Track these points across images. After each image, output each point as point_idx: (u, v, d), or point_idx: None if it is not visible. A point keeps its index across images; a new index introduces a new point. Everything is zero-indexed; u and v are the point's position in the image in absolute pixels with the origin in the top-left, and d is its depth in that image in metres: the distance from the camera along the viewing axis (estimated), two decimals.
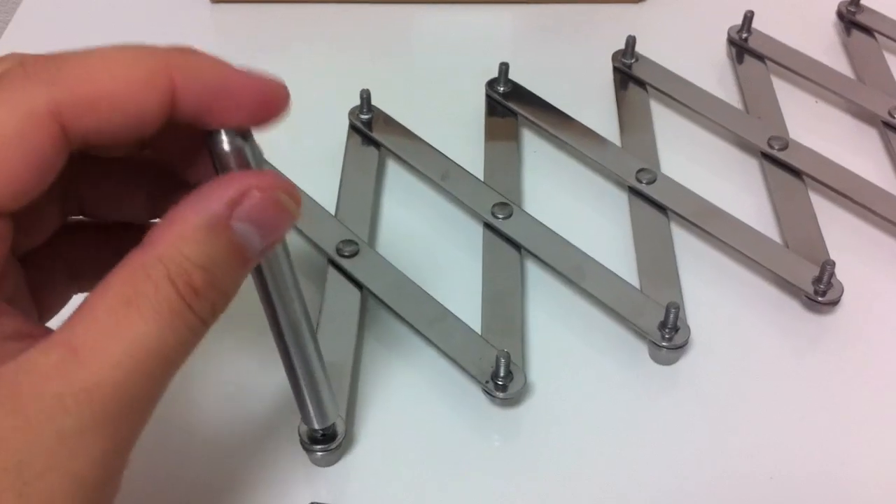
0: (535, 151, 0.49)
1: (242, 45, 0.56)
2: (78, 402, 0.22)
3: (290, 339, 0.30)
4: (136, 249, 0.25)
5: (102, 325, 0.23)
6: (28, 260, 0.28)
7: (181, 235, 0.24)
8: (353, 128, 0.48)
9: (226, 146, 0.25)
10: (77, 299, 0.28)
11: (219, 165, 0.26)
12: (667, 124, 0.50)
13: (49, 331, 0.24)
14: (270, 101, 0.27)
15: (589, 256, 0.41)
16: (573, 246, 0.42)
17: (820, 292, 0.40)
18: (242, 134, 0.26)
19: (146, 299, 0.24)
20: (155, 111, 0.25)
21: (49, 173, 0.24)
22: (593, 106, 0.51)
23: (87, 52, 0.25)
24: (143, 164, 0.30)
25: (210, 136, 0.26)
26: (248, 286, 0.27)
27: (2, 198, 0.24)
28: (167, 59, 0.25)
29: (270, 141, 0.29)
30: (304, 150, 0.47)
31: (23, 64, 0.24)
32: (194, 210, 0.25)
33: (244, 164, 0.26)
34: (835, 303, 0.40)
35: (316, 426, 0.34)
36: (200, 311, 0.25)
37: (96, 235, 0.31)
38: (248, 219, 0.25)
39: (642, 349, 0.39)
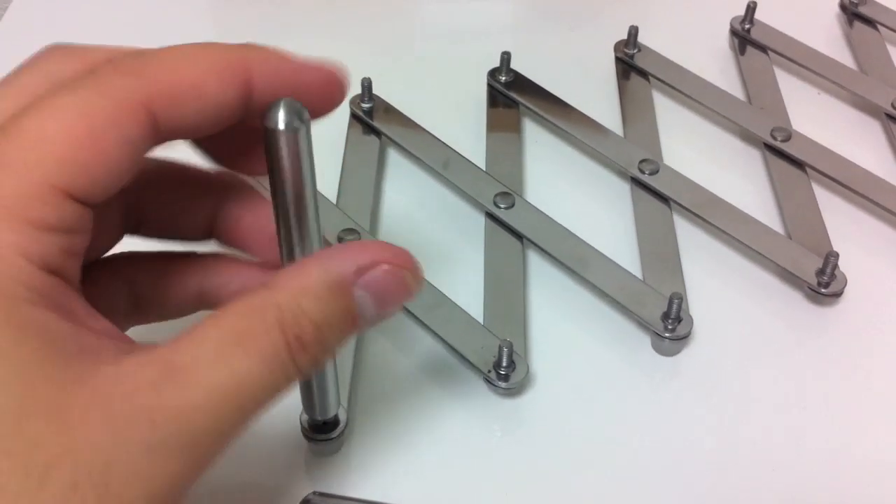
0: (537, 141, 0.49)
1: (242, 33, 0.56)
2: (167, 419, 0.23)
3: None
4: (258, 288, 0.25)
5: (206, 353, 0.24)
6: (89, 276, 0.27)
7: (304, 288, 0.25)
8: (354, 116, 0.48)
9: (281, 124, 0.25)
10: None
11: (271, 143, 0.25)
12: (669, 115, 0.50)
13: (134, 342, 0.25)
14: (336, 88, 0.28)
15: (591, 247, 0.41)
16: (575, 236, 0.42)
17: (823, 283, 0.40)
18: (300, 114, 0.25)
19: (255, 340, 0.24)
20: (233, 102, 0.26)
21: (137, 164, 0.25)
22: (595, 96, 0.50)
23: (168, 48, 0.25)
24: (203, 180, 0.31)
25: (268, 111, 0.25)
26: None
27: (94, 185, 0.24)
28: (243, 53, 0.26)
29: None
30: None
31: (110, 60, 0.25)
32: (323, 267, 0.26)
33: (295, 147, 0.25)
34: (838, 294, 0.40)
35: (318, 417, 0.34)
36: (301, 363, 0.25)
37: (158, 261, 0.31)
38: (370, 289, 0.26)
39: (645, 340, 0.39)
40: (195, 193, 0.31)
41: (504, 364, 0.36)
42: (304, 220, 0.27)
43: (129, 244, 0.30)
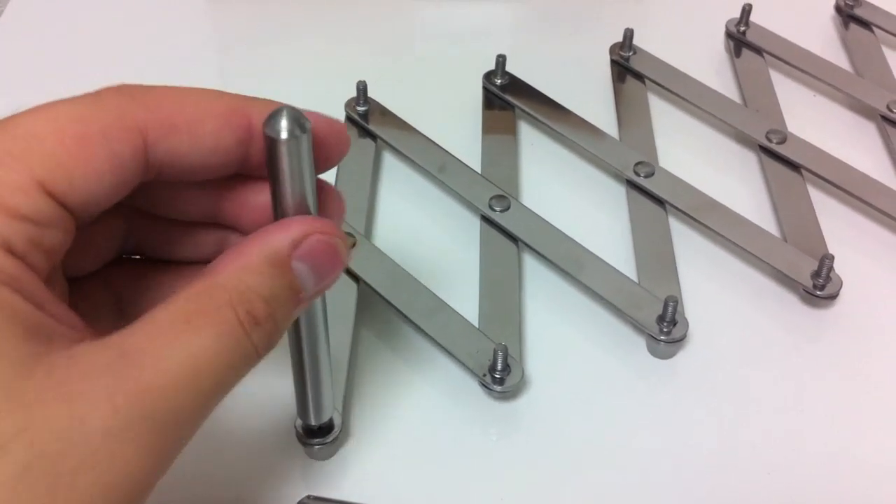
0: (533, 144, 0.49)
1: (239, 36, 0.56)
2: (127, 402, 0.22)
3: (305, 341, 0.30)
4: (199, 277, 0.25)
5: (160, 335, 0.24)
6: (77, 286, 0.28)
7: (245, 266, 0.26)
8: (349, 119, 0.48)
9: (283, 133, 0.25)
10: None
11: (273, 152, 0.25)
12: (665, 117, 0.50)
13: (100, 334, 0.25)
14: (342, 140, 0.29)
15: (587, 250, 0.41)
16: (571, 239, 0.42)
17: (819, 286, 0.40)
18: (301, 123, 0.25)
19: (206, 318, 0.24)
20: (231, 148, 0.27)
21: (123, 185, 0.25)
22: (591, 99, 0.50)
23: (174, 87, 0.26)
24: (203, 205, 0.30)
25: (270, 120, 0.25)
26: None
27: (73, 188, 0.24)
28: (246, 102, 0.27)
29: None
30: None
31: (117, 86, 0.26)
32: (258, 245, 0.26)
33: (297, 156, 0.25)
34: (833, 297, 0.40)
35: (313, 422, 0.33)
36: (256, 340, 0.25)
37: (148, 272, 0.31)
38: (307, 259, 0.26)
39: (640, 343, 0.39)
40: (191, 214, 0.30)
41: (499, 368, 0.36)
42: None
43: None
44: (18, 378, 0.22)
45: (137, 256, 0.31)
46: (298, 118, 0.25)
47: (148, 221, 0.30)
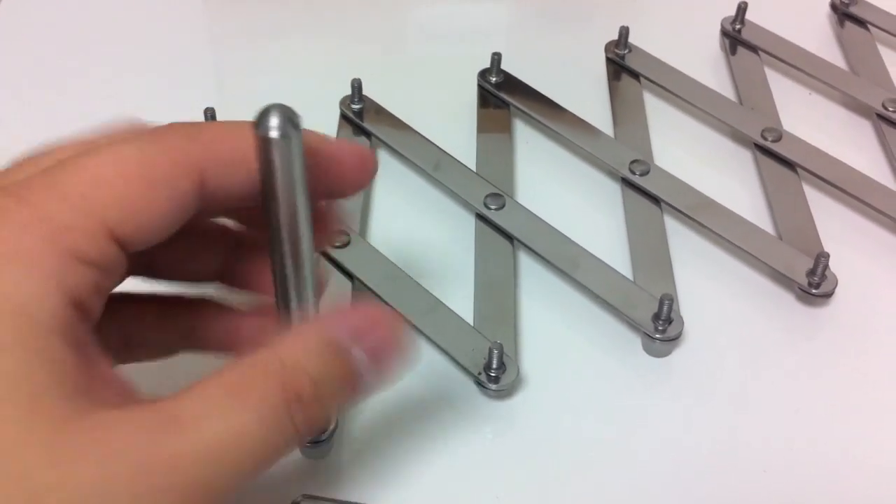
0: (528, 142, 0.49)
1: (234, 33, 0.56)
2: (159, 468, 0.22)
3: None
4: (261, 347, 0.26)
5: (206, 406, 0.24)
6: None
7: (304, 346, 0.26)
8: (344, 117, 0.48)
9: (274, 132, 0.24)
10: None
11: (264, 152, 0.25)
12: (660, 115, 0.50)
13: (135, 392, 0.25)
14: (370, 168, 0.30)
15: (582, 248, 0.41)
16: (566, 237, 0.42)
17: (814, 284, 0.40)
18: (292, 121, 0.25)
19: (253, 393, 0.24)
20: None
21: (181, 221, 0.26)
22: (586, 97, 0.50)
23: (219, 122, 0.28)
24: (216, 229, 0.31)
25: (260, 119, 0.24)
26: None
27: (139, 232, 0.25)
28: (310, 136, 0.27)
29: None
30: None
31: (173, 126, 0.27)
32: (322, 328, 0.27)
33: (288, 156, 0.25)
34: (829, 295, 0.40)
35: None
36: (298, 420, 0.25)
37: (154, 307, 0.31)
38: (367, 349, 0.27)
39: (635, 341, 0.39)
40: (206, 239, 0.31)
41: (494, 366, 0.36)
42: (295, 231, 0.27)
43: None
44: (59, 435, 0.22)
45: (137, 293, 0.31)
46: (290, 116, 0.25)
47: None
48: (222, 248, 0.31)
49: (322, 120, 0.48)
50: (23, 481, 0.21)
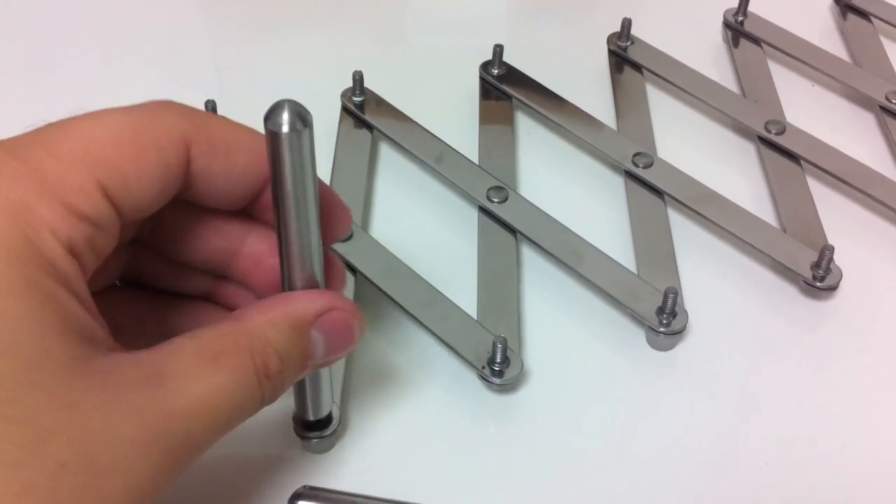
0: (530, 134, 0.48)
1: (235, 25, 0.55)
2: (154, 418, 0.24)
3: None
4: (226, 318, 0.27)
5: (190, 365, 0.25)
6: None
7: (270, 321, 0.27)
8: (345, 110, 0.48)
9: (285, 127, 0.25)
10: None
11: (274, 147, 0.25)
12: (663, 108, 0.49)
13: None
14: (347, 222, 0.31)
15: (585, 241, 0.41)
16: (569, 230, 0.41)
17: (818, 277, 0.39)
18: (303, 117, 0.25)
19: (228, 358, 0.26)
20: (254, 181, 0.28)
21: (166, 194, 0.27)
22: (589, 89, 0.50)
23: (214, 114, 0.29)
24: (209, 250, 0.31)
25: (271, 114, 0.25)
26: None
27: (128, 192, 0.26)
28: None
29: (261, 124, 0.28)
30: None
31: (165, 101, 0.28)
32: (285, 305, 0.28)
33: (298, 151, 0.25)
34: (833, 288, 0.40)
35: (311, 418, 0.33)
36: (265, 390, 0.27)
37: (142, 298, 0.32)
38: (324, 331, 0.28)
39: (639, 334, 0.39)
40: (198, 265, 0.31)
41: (498, 360, 0.36)
42: (304, 225, 0.27)
43: None
44: (65, 378, 0.23)
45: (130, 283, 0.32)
46: (300, 112, 0.25)
47: (151, 255, 0.31)
48: (208, 273, 0.32)
49: (324, 113, 0.47)
50: (31, 422, 0.22)
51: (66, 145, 0.25)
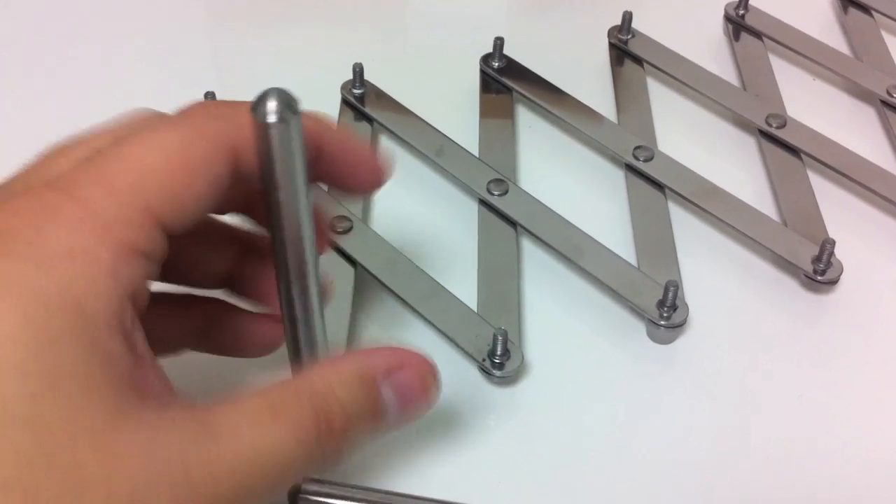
0: (531, 127, 0.48)
1: (235, 18, 0.55)
2: (200, 474, 0.23)
3: (301, 327, 0.29)
4: (296, 376, 0.27)
5: (245, 417, 0.24)
6: None
7: (338, 377, 0.27)
8: (345, 102, 0.48)
9: (272, 117, 0.24)
10: None
11: (262, 138, 0.24)
12: (663, 101, 0.49)
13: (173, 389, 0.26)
14: (381, 173, 0.31)
15: (586, 234, 0.41)
16: (570, 223, 0.41)
17: (819, 271, 0.39)
18: (291, 105, 0.24)
19: (288, 413, 0.25)
20: (310, 155, 0.27)
21: (217, 203, 0.26)
22: (589, 82, 0.50)
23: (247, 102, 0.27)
24: (226, 231, 0.32)
25: (258, 104, 0.24)
26: None
27: (182, 217, 0.25)
28: (317, 122, 0.28)
29: None
30: None
31: (202, 103, 0.27)
32: (357, 361, 0.27)
33: (287, 141, 0.24)
34: (834, 282, 0.40)
35: None
36: (326, 448, 0.26)
37: (164, 303, 0.31)
38: (396, 387, 0.28)
39: (640, 328, 0.39)
40: (220, 244, 0.31)
41: (499, 352, 0.36)
42: (297, 219, 0.26)
43: None
44: (110, 427, 0.22)
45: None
46: (288, 100, 0.24)
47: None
48: (231, 252, 0.32)
49: (323, 105, 0.47)
50: (72, 471, 0.21)
51: (121, 179, 0.24)
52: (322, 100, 0.47)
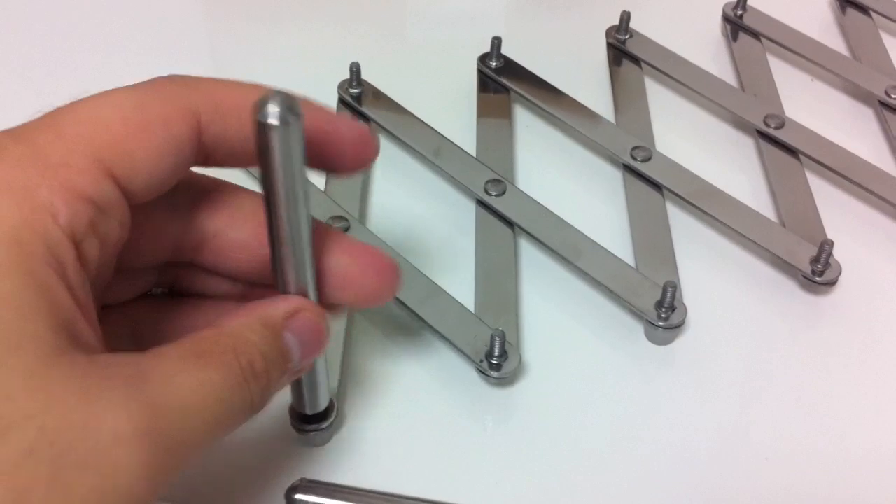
0: (528, 127, 0.48)
1: (231, 18, 0.55)
2: (140, 413, 0.22)
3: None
4: (209, 327, 0.27)
5: (174, 364, 0.24)
6: (101, 314, 0.27)
7: (247, 324, 0.27)
8: (342, 102, 0.47)
9: (274, 119, 0.24)
10: None
11: (263, 139, 0.24)
12: (661, 101, 0.49)
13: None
14: (369, 150, 0.30)
15: (584, 235, 0.41)
16: (567, 224, 0.41)
17: (818, 272, 0.39)
18: (292, 108, 0.24)
19: (214, 357, 0.25)
20: None
21: (179, 168, 0.26)
22: (587, 82, 0.50)
23: (219, 78, 0.28)
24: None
25: (260, 105, 0.24)
26: None
27: (136, 173, 0.25)
28: (306, 102, 0.27)
29: None
30: None
31: (169, 76, 0.27)
32: (258, 310, 0.28)
33: (287, 143, 0.25)
34: (832, 283, 0.40)
35: (308, 412, 0.33)
36: (254, 390, 0.26)
37: (158, 304, 0.31)
38: (295, 333, 0.28)
39: (638, 329, 0.39)
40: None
41: (496, 353, 0.36)
42: (295, 218, 0.26)
43: None
44: (43, 364, 0.22)
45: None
46: (290, 103, 0.24)
47: (180, 267, 0.30)
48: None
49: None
50: (3, 404, 0.21)
51: (71, 128, 0.25)
52: (319, 99, 0.47)
